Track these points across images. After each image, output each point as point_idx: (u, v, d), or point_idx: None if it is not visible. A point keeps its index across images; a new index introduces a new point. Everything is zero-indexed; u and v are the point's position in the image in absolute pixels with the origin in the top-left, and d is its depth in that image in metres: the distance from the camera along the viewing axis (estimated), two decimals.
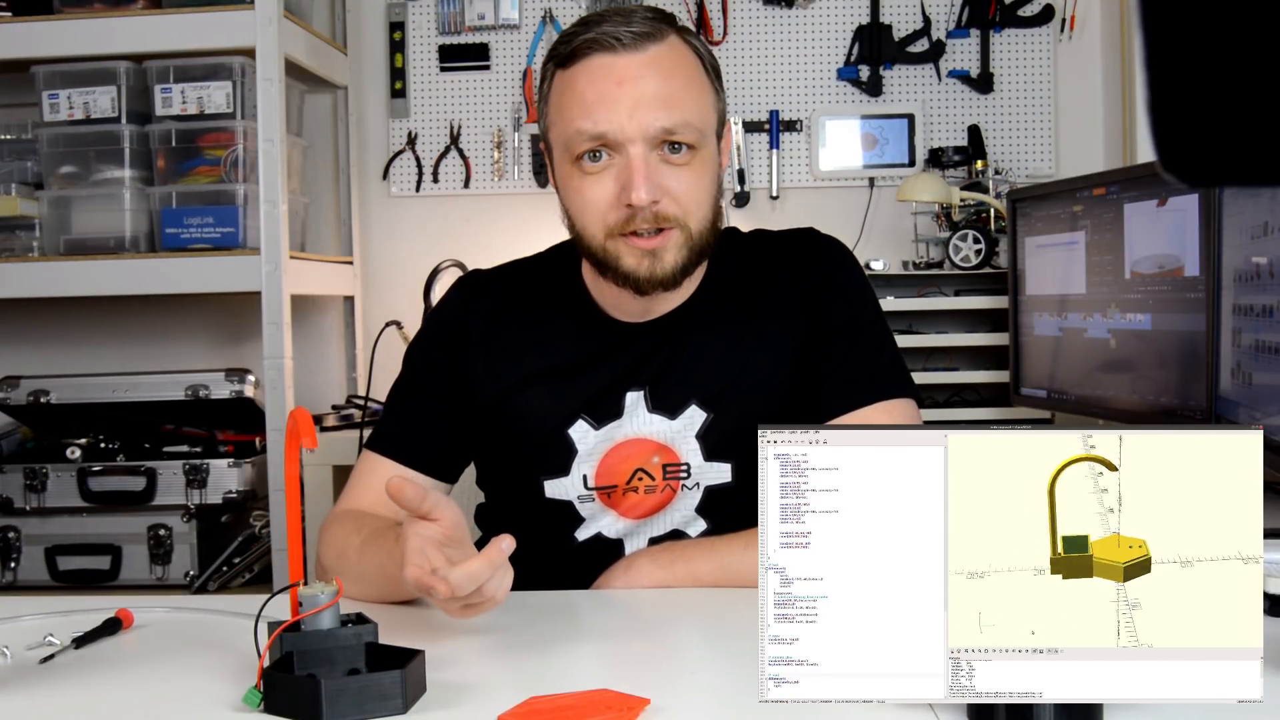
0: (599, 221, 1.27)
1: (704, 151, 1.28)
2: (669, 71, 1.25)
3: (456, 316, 1.41)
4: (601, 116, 1.23)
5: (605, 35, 1.23)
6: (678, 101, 1.24)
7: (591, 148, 1.25)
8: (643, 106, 1.23)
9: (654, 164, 1.25)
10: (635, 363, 1.35)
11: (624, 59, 1.24)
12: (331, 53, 2.79)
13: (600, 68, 1.24)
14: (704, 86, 1.29)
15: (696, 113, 1.26)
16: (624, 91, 1.23)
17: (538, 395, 1.35)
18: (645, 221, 1.25)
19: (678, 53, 1.27)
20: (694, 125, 1.25)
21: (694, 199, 1.27)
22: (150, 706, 0.94)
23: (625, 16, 1.26)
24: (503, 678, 0.96)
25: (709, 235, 1.31)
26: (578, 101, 1.25)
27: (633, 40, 1.23)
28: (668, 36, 1.27)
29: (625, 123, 1.23)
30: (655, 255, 1.27)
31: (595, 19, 1.26)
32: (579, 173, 1.27)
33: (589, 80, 1.24)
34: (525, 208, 2.89)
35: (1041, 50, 2.82)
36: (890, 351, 1.37)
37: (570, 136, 1.26)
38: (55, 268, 2.47)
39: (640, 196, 1.23)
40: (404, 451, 1.37)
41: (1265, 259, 1.48)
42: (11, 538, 2.47)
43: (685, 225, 1.27)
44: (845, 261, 1.40)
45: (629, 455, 1.34)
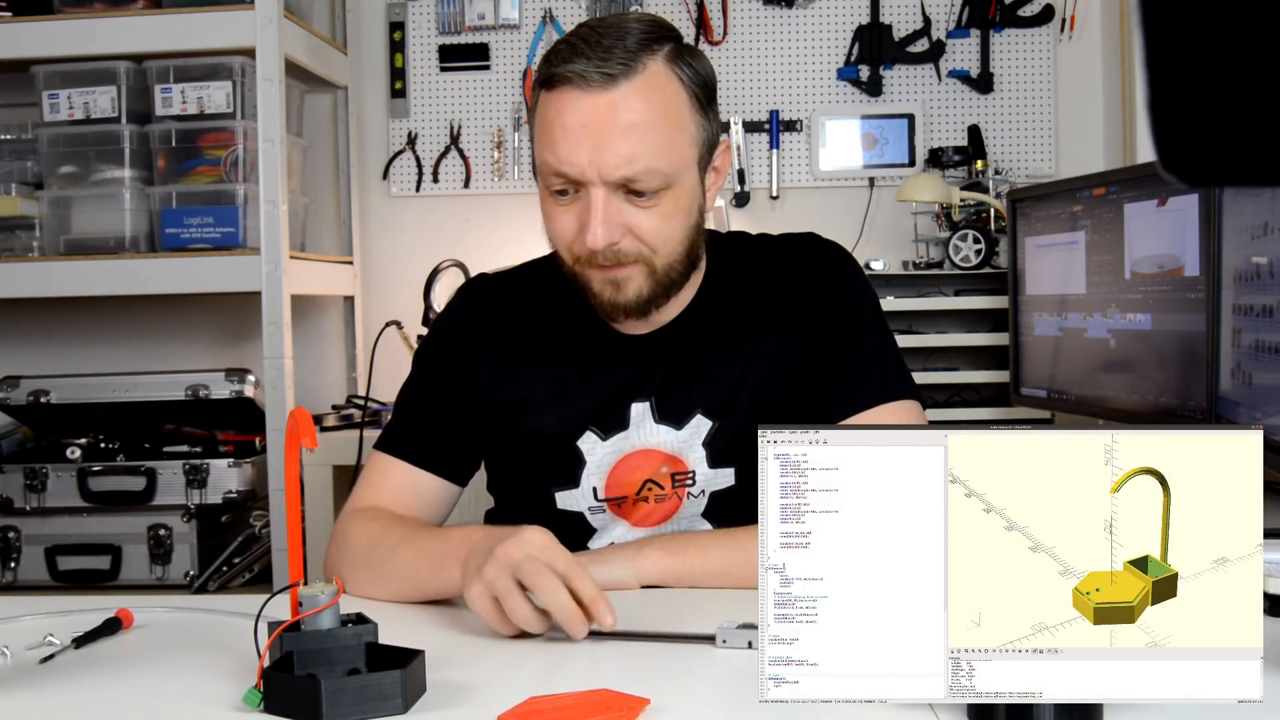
0: (566, 250, 1.28)
1: (677, 189, 1.25)
2: (639, 112, 1.21)
3: (465, 321, 1.41)
4: (565, 155, 1.21)
5: (576, 72, 1.20)
6: (643, 147, 1.21)
7: (558, 183, 1.24)
8: (605, 152, 1.20)
9: (616, 204, 1.23)
10: (640, 374, 1.35)
11: (591, 98, 1.20)
12: (331, 53, 2.79)
13: (569, 103, 1.21)
14: (682, 121, 1.25)
15: (665, 155, 1.23)
16: (587, 133, 1.20)
17: (545, 406, 1.36)
18: (606, 259, 1.25)
19: (655, 87, 1.22)
20: (659, 170, 1.22)
21: (660, 238, 1.26)
22: (150, 706, 0.94)
23: (606, 45, 1.21)
24: (503, 678, 0.96)
25: (681, 266, 1.30)
26: (547, 132, 1.23)
27: (602, 80, 1.20)
28: (649, 67, 1.22)
29: (586, 165, 1.21)
30: (617, 284, 1.27)
31: (582, 39, 1.23)
32: (550, 198, 1.27)
33: (557, 113, 1.22)
34: (525, 208, 2.88)
35: (1041, 50, 2.82)
36: (893, 354, 1.37)
37: (541, 163, 1.26)
38: (55, 268, 2.48)
39: (596, 241, 1.22)
40: (415, 453, 1.37)
41: (1265, 259, 1.48)
42: (11, 538, 2.47)
43: (650, 260, 1.27)
44: (847, 266, 1.40)
45: (638, 466, 1.34)
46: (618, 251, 1.25)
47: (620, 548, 1.29)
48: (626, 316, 1.31)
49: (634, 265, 1.26)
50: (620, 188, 1.23)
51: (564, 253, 1.29)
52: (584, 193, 1.23)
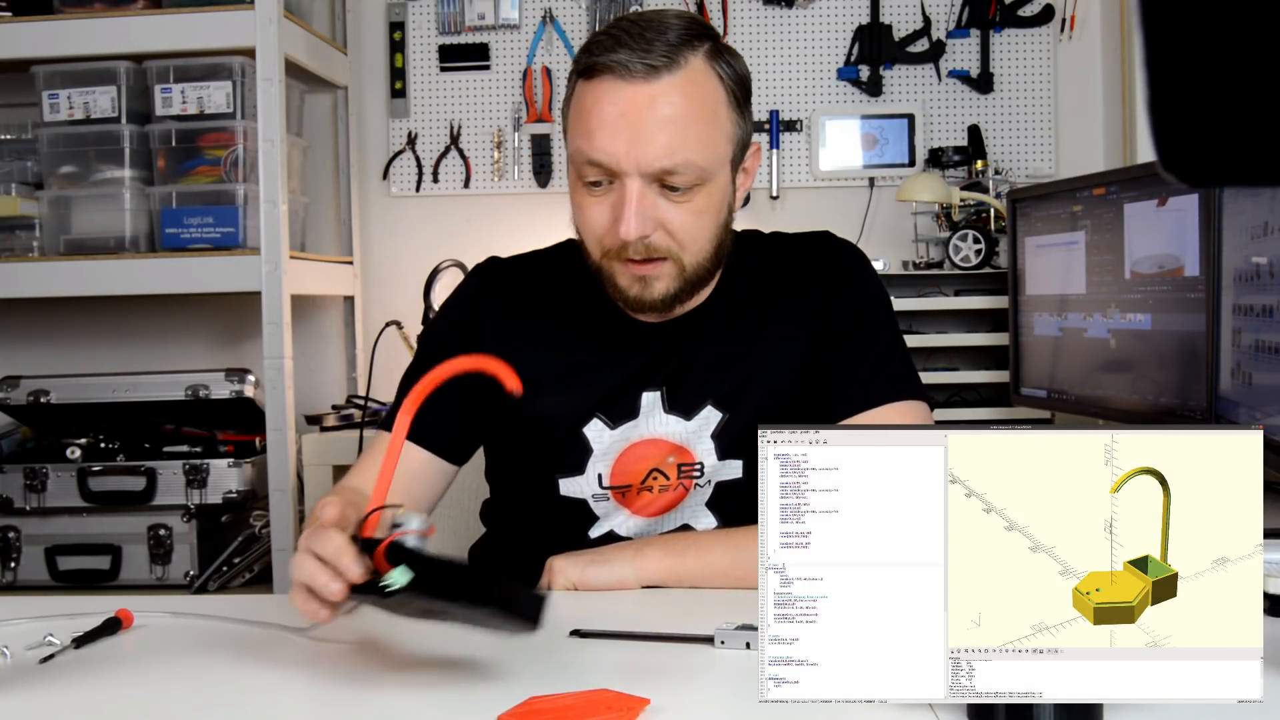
0: (596, 242, 1.28)
1: (710, 185, 1.26)
2: (679, 106, 1.21)
3: (472, 301, 1.41)
4: (602, 145, 1.21)
5: (619, 62, 1.20)
6: (681, 140, 1.21)
7: (592, 174, 1.24)
8: (643, 142, 1.20)
9: (650, 197, 1.23)
10: (651, 363, 1.35)
11: (632, 88, 1.21)
12: (331, 53, 2.79)
13: (609, 92, 1.22)
14: (719, 118, 1.26)
15: (702, 150, 1.23)
16: (626, 123, 1.21)
17: (553, 392, 1.35)
18: (637, 252, 1.25)
19: (695, 82, 1.23)
20: (696, 164, 1.23)
21: (690, 234, 1.26)
22: (150, 706, 0.94)
23: (649, 38, 1.21)
24: (503, 678, 0.96)
25: (709, 264, 1.30)
26: (584, 121, 1.24)
27: (644, 71, 1.20)
28: (690, 62, 1.23)
29: (623, 156, 1.21)
30: (645, 281, 1.27)
31: (624, 30, 1.23)
32: (582, 189, 1.27)
33: (595, 102, 1.22)
34: (525, 208, 2.89)
35: (1041, 50, 2.81)
36: (903, 354, 1.37)
37: (574, 153, 1.26)
38: (55, 268, 2.47)
39: (629, 232, 1.22)
40: (414, 431, 1.35)
41: (1265, 259, 1.48)
42: (11, 538, 2.47)
43: (679, 258, 1.27)
44: (860, 264, 1.41)
45: (645, 455, 1.34)
46: (648, 245, 1.25)
47: (621, 547, 1.29)
48: (651, 312, 1.31)
49: (663, 263, 1.26)
50: (655, 181, 1.23)
51: (593, 245, 1.29)
52: (618, 184, 1.23)
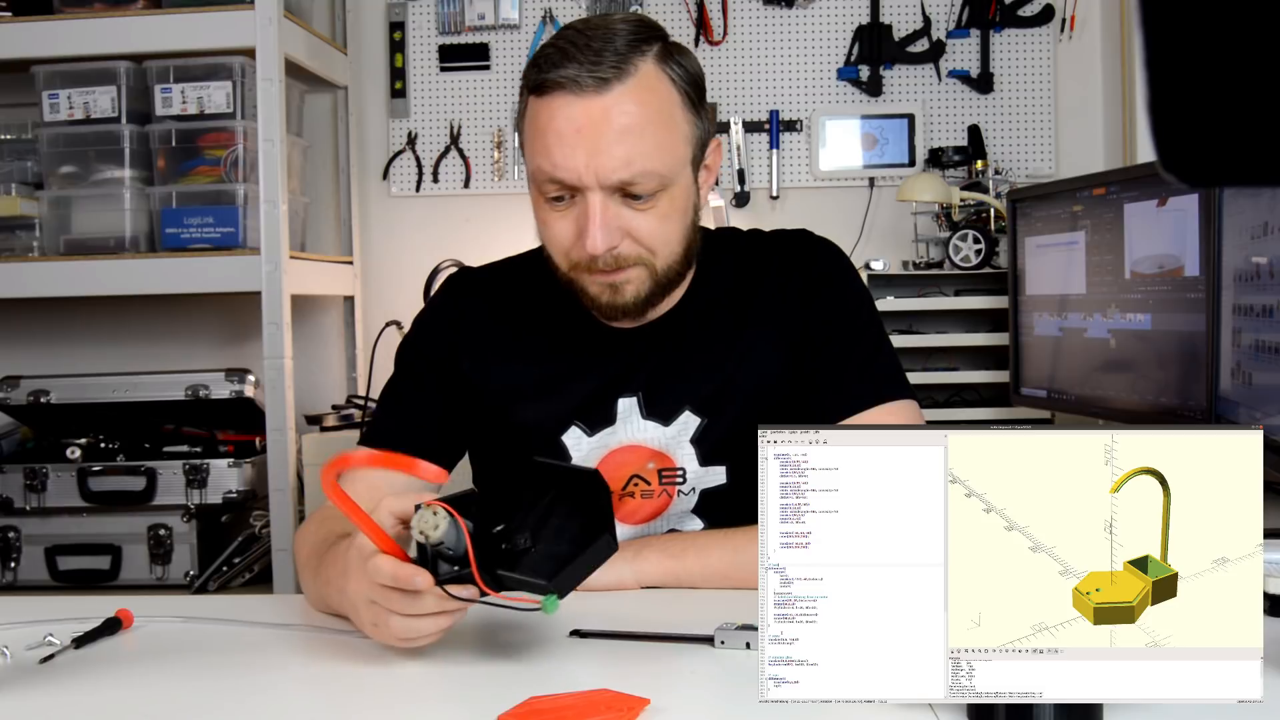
0: (563, 256, 1.27)
1: (673, 189, 1.25)
2: (633, 115, 1.20)
3: (447, 313, 1.41)
4: (560, 161, 1.20)
5: (569, 77, 1.19)
6: (639, 150, 1.20)
7: (553, 190, 1.23)
8: (601, 155, 1.19)
9: (614, 208, 1.22)
10: (627, 369, 1.35)
11: (585, 102, 1.19)
12: (331, 53, 2.79)
13: (562, 108, 1.20)
14: (675, 121, 1.24)
15: (661, 157, 1.22)
16: (582, 138, 1.19)
17: (530, 401, 1.35)
18: (606, 264, 1.24)
19: (647, 88, 1.21)
20: (656, 172, 1.22)
21: (659, 239, 1.26)
22: (150, 706, 0.94)
23: (596, 48, 1.20)
24: (503, 678, 0.96)
25: (680, 265, 1.30)
26: (540, 139, 1.22)
27: (595, 84, 1.19)
28: (640, 68, 1.21)
29: (583, 171, 1.20)
30: (616, 287, 1.27)
31: (570, 42, 1.22)
32: (545, 204, 1.26)
33: (550, 119, 1.21)
34: (525, 208, 2.82)
35: (1041, 50, 2.81)
36: (888, 353, 1.36)
37: (534, 170, 1.25)
38: (55, 268, 2.47)
39: (596, 246, 1.21)
40: (394, 442, 1.35)
41: (1265, 259, 1.48)
42: (11, 538, 2.47)
43: (650, 263, 1.26)
44: (839, 263, 1.39)
45: (624, 462, 1.34)
46: (617, 255, 1.24)
47: (620, 549, 1.29)
48: (624, 317, 1.31)
49: (634, 268, 1.26)
50: (617, 191, 1.22)
51: (560, 260, 1.28)
52: (580, 198, 1.22)
